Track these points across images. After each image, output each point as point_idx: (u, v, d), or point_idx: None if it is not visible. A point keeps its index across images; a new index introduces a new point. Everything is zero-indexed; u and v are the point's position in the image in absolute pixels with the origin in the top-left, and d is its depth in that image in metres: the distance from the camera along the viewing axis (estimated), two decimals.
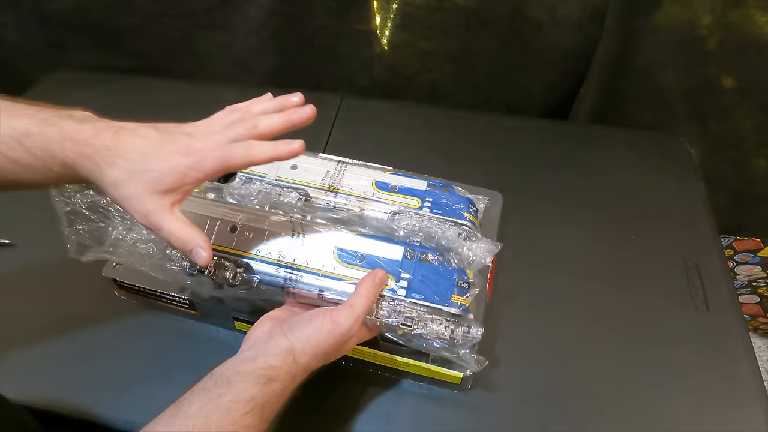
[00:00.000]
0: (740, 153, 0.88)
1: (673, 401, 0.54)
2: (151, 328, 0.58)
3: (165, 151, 0.40)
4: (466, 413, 0.53)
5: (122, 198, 0.39)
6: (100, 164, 0.39)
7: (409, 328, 0.46)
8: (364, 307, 0.44)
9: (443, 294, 0.47)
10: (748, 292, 1.16)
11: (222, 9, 0.83)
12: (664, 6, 0.73)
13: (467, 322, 0.47)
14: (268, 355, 0.41)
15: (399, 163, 0.63)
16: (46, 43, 0.92)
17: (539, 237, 0.67)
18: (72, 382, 0.54)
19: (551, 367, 0.56)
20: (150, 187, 0.39)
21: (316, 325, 0.43)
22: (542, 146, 0.80)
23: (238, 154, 0.41)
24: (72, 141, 0.39)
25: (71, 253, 0.49)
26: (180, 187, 0.40)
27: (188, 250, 0.41)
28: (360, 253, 0.49)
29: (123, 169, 0.39)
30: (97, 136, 0.39)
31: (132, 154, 0.39)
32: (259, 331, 0.45)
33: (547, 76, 0.86)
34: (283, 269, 0.48)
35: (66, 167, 0.39)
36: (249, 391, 0.38)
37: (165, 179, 0.39)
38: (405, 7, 0.80)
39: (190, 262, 0.48)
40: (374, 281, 0.46)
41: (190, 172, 0.40)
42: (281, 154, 0.43)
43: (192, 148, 0.40)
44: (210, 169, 0.40)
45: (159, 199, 0.39)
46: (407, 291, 0.47)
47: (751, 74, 0.78)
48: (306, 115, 0.45)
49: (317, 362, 0.43)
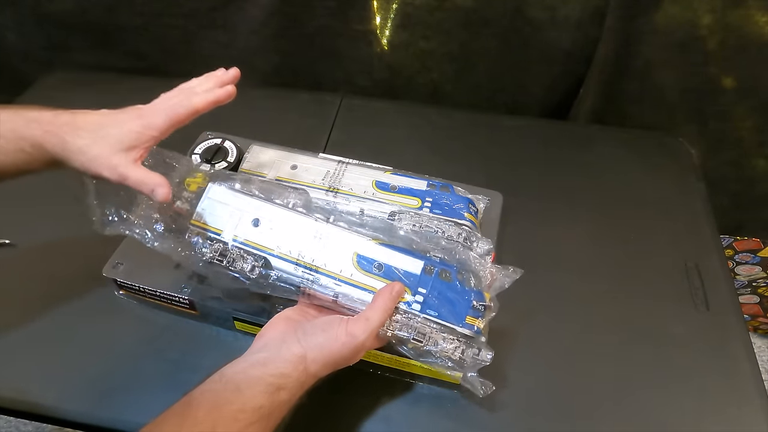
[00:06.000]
0: (740, 153, 0.88)
1: (673, 401, 0.54)
2: (151, 328, 0.58)
3: (119, 119, 0.47)
4: (466, 413, 0.53)
5: (89, 160, 0.45)
6: (64, 137, 0.45)
7: (420, 343, 0.45)
8: (379, 322, 0.44)
9: (458, 314, 0.46)
10: (748, 292, 1.16)
11: (222, 9, 0.83)
12: (664, 6, 0.73)
13: (478, 345, 0.47)
14: (280, 361, 0.41)
15: (399, 163, 0.63)
16: (45, 43, 0.92)
17: (539, 237, 0.67)
18: (72, 382, 0.54)
19: (551, 367, 0.56)
20: (113, 147, 0.45)
21: (330, 335, 0.43)
22: (542, 146, 0.80)
23: (182, 106, 0.48)
24: (37, 122, 0.45)
25: (95, 225, 0.50)
26: (139, 145, 0.46)
27: (150, 191, 0.46)
28: (379, 262, 0.48)
29: (85, 138, 0.45)
30: (57, 117, 0.46)
31: (91, 125, 0.46)
32: (273, 332, 0.45)
33: (547, 76, 0.86)
34: (302, 269, 0.48)
35: (36, 146, 0.45)
36: (257, 399, 0.39)
37: (124, 139, 0.45)
38: (405, 7, 0.80)
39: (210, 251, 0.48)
40: (391, 294, 0.45)
41: (144, 130, 0.46)
42: (219, 96, 0.50)
43: (141, 112, 0.48)
44: (161, 124, 0.47)
45: (124, 156, 0.45)
46: (422, 306, 0.46)
47: (751, 74, 0.78)
48: (227, 92, 0.51)
49: (326, 371, 0.43)
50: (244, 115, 0.67)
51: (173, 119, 0.47)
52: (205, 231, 0.49)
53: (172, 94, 0.50)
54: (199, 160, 0.63)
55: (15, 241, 0.64)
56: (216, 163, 0.62)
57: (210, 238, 0.49)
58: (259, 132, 0.66)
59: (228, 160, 0.63)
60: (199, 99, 0.48)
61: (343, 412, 0.52)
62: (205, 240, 0.49)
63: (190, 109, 0.48)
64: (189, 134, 0.66)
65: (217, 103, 0.50)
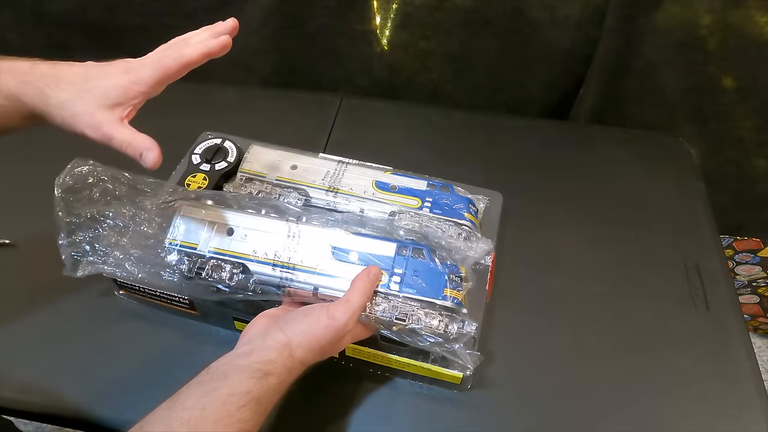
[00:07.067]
0: (740, 153, 0.88)
1: (672, 401, 0.54)
2: (151, 328, 0.58)
3: (104, 72, 0.43)
4: (466, 413, 0.53)
5: (71, 116, 0.41)
6: (43, 89, 0.41)
7: (403, 323, 0.47)
8: (360, 302, 0.44)
9: (435, 288, 0.48)
10: (748, 292, 1.16)
11: (222, 9, 0.83)
12: (664, 6, 0.73)
13: (461, 317, 0.48)
14: (264, 349, 0.41)
15: (399, 163, 0.63)
16: (46, 43, 0.92)
17: (539, 237, 0.67)
18: (72, 382, 0.54)
19: (551, 367, 0.56)
20: (98, 102, 0.41)
21: (312, 319, 0.43)
22: (542, 146, 0.80)
23: (172, 57, 0.43)
24: (10, 73, 0.42)
25: (66, 269, 0.50)
26: (126, 102, 0.42)
27: (138, 154, 0.42)
28: (354, 250, 0.50)
29: (68, 92, 0.41)
30: (34, 67, 0.43)
31: (74, 77, 0.42)
32: (256, 328, 0.45)
33: (547, 76, 0.86)
34: (279, 269, 0.49)
35: (10, 98, 0.41)
36: (245, 384, 0.39)
37: (110, 93, 0.41)
38: (405, 7, 0.80)
39: (187, 266, 0.49)
40: (369, 276, 0.46)
41: (132, 85, 0.42)
42: (212, 47, 0.45)
43: (129, 65, 0.44)
44: (149, 79, 0.43)
45: (109, 113, 0.41)
46: (400, 285, 0.48)
47: (751, 74, 0.78)
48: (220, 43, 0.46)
49: (313, 357, 0.43)
50: (244, 115, 0.67)
51: (163, 72, 0.43)
52: (182, 248, 0.50)
53: (164, 46, 0.46)
54: (199, 160, 0.63)
55: (15, 241, 0.64)
56: (216, 163, 0.62)
57: (187, 254, 0.50)
58: (259, 132, 0.66)
59: (228, 160, 0.63)
60: (191, 50, 0.44)
61: (343, 413, 0.52)
62: (182, 257, 0.50)
63: (180, 60, 0.43)
64: (189, 134, 0.66)
65: (210, 55, 0.45)
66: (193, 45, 0.45)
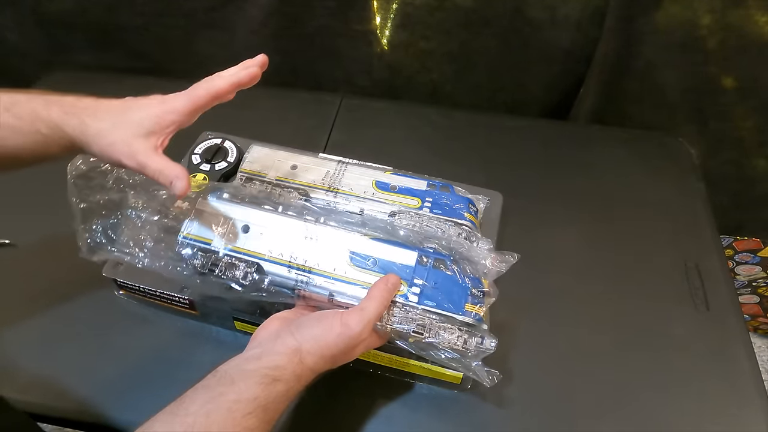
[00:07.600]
0: (740, 153, 0.88)
1: (673, 401, 0.54)
2: (151, 328, 0.58)
3: (141, 103, 0.46)
4: (466, 413, 0.53)
5: (108, 145, 0.44)
6: (84, 119, 0.44)
7: (421, 336, 0.45)
8: (375, 312, 0.43)
9: (456, 302, 0.46)
10: (748, 292, 1.16)
11: (222, 9, 0.83)
12: (664, 6, 0.73)
13: (480, 333, 0.46)
14: (274, 354, 0.41)
15: (399, 163, 0.63)
16: (46, 43, 0.92)
17: (539, 237, 0.67)
18: (72, 382, 0.53)
19: (551, 367, 0.56)
20: (133, 132, 0.44)
21: (325, 326, 0.42)
22: (542, 146, 0.80)
23: (202, 87, 0.46)
24: (57, 105, 0.44)
25: (83, 252, 0.49)
26: (159, 131, 0.45)
27: (169, 182, 0.44)
28: (373, 257, 0.48)
29: (106, 121, 0.44)
30: (79, 100, 0.45)
31: (112, 108, 0.45)
32: (267, 331, 0.44)
33: (547, 76, 0.86)
34: (295, 271, 0.48)
35: (53, 128, 0.44)
36: (252, 390, 0.38)
37: (144, 123, 0.44)
38: (405, 7, 0.80)
39: (201, 261, 0.48)
40: (387, 285, 0.45)
41: (165, 114, 0.45)
42: (242, 78, 0.48)
43: (164, 98, 0.46)
44: (182, 107, 0.45)
45: (144, 142, 0.44)
46: (419, 297, 0.46)
47: (751, 74, 0.78)
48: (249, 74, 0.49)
49: (324, 364, 0.42)
50: (244, 115, 0.67)
51: (194, 102, 0.46)
52: (196, 243, 0.49)
53: (199, 82, 0.49)
54: (199, 160, 0.63)
55: (15, 241, 0.64)
56: (216, 163, 0.62)
57: (201, 249, 0.49)
58: (259, 132, 0.66)
59: (228, 160, 0.63)
60: (221, 81, 0.47)
61: (344, 413, 0.52)
62: (196, 252, 0.48)
63: (211, 90, 0.46)
64: (189, 134, 0.66)
65: (240, 85, 0.48)
66: (224, 77, 0.47)
